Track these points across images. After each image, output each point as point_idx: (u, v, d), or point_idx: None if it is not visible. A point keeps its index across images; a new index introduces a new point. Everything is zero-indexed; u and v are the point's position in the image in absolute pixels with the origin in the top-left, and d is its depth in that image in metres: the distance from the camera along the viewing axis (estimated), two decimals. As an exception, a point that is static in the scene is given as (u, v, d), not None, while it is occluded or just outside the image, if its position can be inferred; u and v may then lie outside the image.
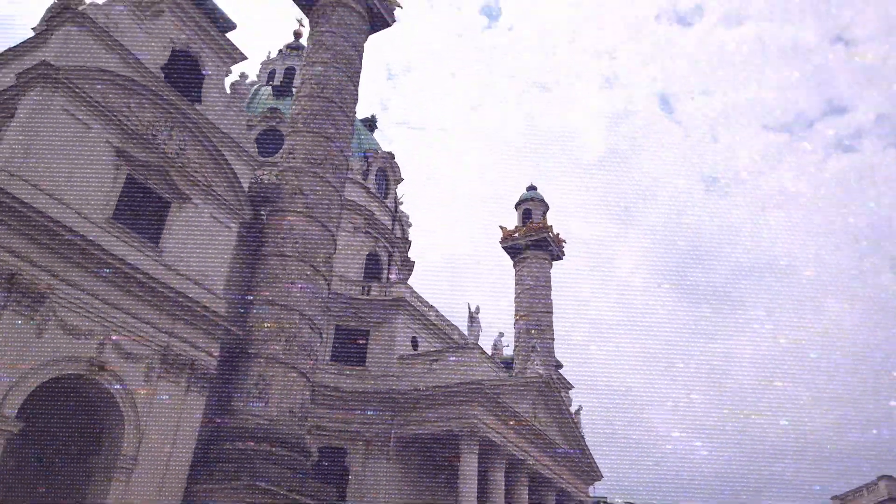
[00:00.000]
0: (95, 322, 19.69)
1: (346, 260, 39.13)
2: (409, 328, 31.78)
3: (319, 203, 27.75)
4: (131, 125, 22.16)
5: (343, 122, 30.79)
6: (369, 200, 44.10)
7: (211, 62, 26.51)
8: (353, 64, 32.73)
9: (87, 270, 19.65)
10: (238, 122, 27.09)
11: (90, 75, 20.99)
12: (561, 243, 55.01)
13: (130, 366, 20.45)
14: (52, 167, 19.45)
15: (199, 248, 23.78)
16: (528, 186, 58.26)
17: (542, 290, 51.60)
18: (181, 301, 22.23)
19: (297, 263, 26.14)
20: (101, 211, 20.70)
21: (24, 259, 18.02)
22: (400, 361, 30.20)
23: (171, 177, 23.19)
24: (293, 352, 24.52)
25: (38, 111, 19.62)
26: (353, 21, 33.60)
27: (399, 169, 48.85)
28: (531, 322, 49.45)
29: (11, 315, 17.57)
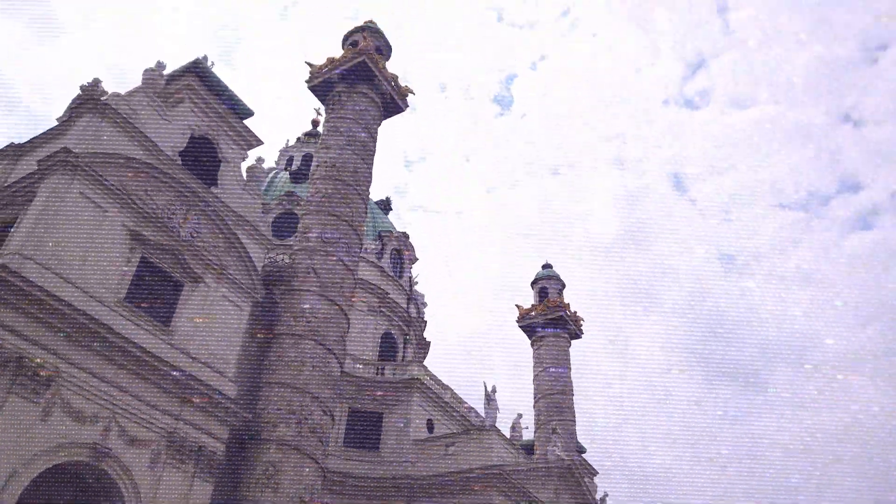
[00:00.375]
0: (101, 405, 19.29)
1: (360, 340, 38.69)
2: (424, 410, 30.87)
3: (332, 282, 27.65)
4: (147, 208, 22.51)
5: (357, 203, 31.13)
6: (384, 280, 44.08)
7: (228, 147, 27.21)
8: (367, 147, 33.44)
9: (96, 352, 19.44)
10: (253, 205, 27.48)
11: (108, 161, 21.53)
12: (579, 322, 54.12)
13: (135, 451, 19.85)
14: (66, 250, 19.64)
15: (211, 330, 23.58)
16: (544, 264, 58.00)
17: (561, 371, 50.33)
18: (190, 384, 21.82)
19: (309, 343, 25.75)
20: (114, 292, 20.70)
21: (31, 342, 17.90)
22: (415, 445, 29.14)
23: (185, 258, 23.31)
24: (304, 436, 23.76)
25: (56, 196, 20.01)
26: (367, 107, 34.59)
27: (413, 249, 49.09)
28: (551, 404, 47.95)
29: (17, 399, 17.27)
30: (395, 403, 30.56)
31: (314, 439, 24.12)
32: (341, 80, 34.86)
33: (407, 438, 29.33)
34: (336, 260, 28.47)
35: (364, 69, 34.81)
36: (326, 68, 35.64)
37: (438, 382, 33.43)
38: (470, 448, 27.88)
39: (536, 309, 53.81)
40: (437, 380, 33.58)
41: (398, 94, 36.56)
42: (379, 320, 42.37)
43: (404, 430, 29.47)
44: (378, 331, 41.68)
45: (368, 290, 42.28)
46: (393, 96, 36.16)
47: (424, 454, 28.68)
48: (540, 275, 56.82)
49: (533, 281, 56.89)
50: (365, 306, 42.06)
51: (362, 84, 34.77)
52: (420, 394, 30.82)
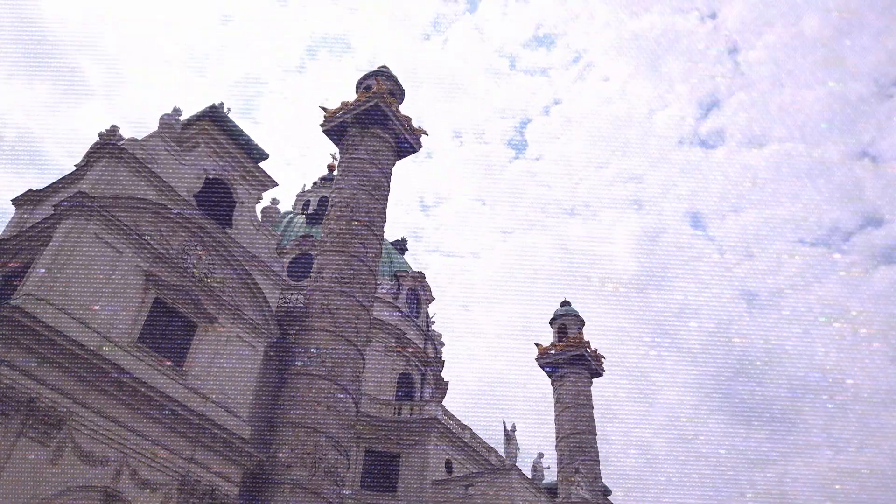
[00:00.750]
0: (113, 448, 19.10)
1: (377, 381, 38.25)
2: (442, 450, 30.19)
3: (347, 321, 27.49)
4: (162, 249, 22.69)
5: (371, 242, 31.19)
6: (400, 320, 43.78)
7: (242, 189, 27.52)
8: (381, 187, 33.68)
9: (109, 394, 19.36)
10: (268, 245, 27.62)
11: (123, 203, 21.83)
12: (600, 359, 53.14)
13: (147, 495, 19.56)
14: (81, 291, 19.76)
15: (225, 370, 23.44)
16: (562, 302, 57.36)
17: (583, 410, 49.24)
18: (203, 425, 21.60)
19: (323, 382, 25.48)
20: (128, 333, 20.72)
21: (43, 384, 17.86)
22: (433, 487, 28.41)
23: (199, 299, 23.36)
24: (318, 477, 23.29)
25: (71, 238, 20.25)
26: (381, 148, 34.96)
27: (430, 288, 48.86)
28: (573, 444, 46.79)
29: (27, 442, 17.16)
30: (413, 444, 29.96)
31: (329, 481, 23.62)
32: (355, 123, 35.35)
33: (425, 480, 28.63)
34: (350, 299, 28.37)
35: (377, 111, 35.30)
36: (340, 112, 36.23)
37: (457, 422, 32.80)
38: (490, 489, 27.12)
39: (556, 347, 53.01)
40: (456, 419, 32.96)
41: (411, 134, 36.96)
42: (396, 360, 41.92)
43: (422, 471, 28.79)
44: (395, 371, 41.19)
45: (385, 331, 41.97)
46: (406, 137, 36.56)
47: (443, 496, 27.93)
48: (559, 312, 56.17)
49: (552, 319, 56.22)
50: (382, 346, 41.69)
51: (375, 126, 35.22)
52: (438, 434, 30.20)
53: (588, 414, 49.34)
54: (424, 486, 28.41)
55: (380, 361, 40.43)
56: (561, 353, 51.92)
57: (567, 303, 57.51)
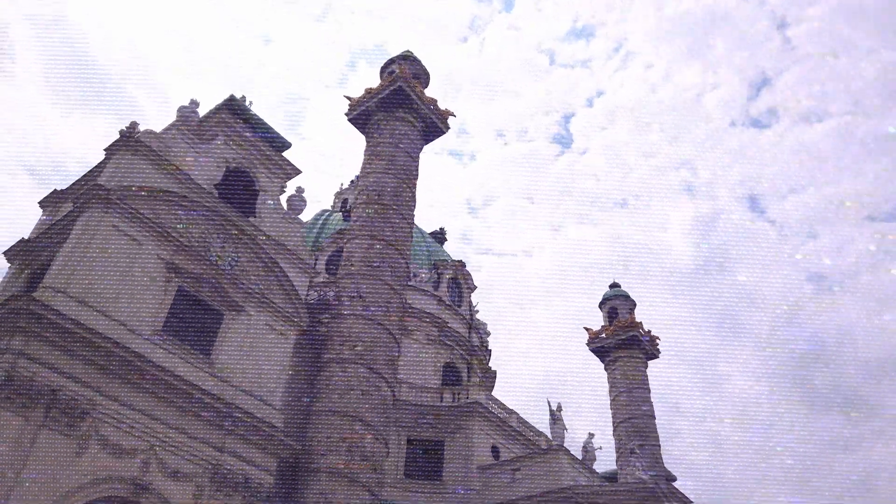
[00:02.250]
0: (140, 439, 18.75)
1: (420, 371, 37.43)
2: (487, 436, 29.08)
3: (378, 305, 26.74)
4: (183, 239, 22.37)
5: (400, 225, 30.39)
6: (442, 310, 42.86)
7: (265, 178, 27.10)
8: (409, 170, 32.86)
9: (133, 385, 19.02)
10: (293, 233, 27.10)
11: (141, 194, 21.60)
12: (654, 341, 51.02)
13: (178, 485, 19.12)
14: (101, 282, 19.53)
15: (254, 359, 22.95)
16: (611, 284, 55.36)
17: (639, 393, 47.20)
18: (234, 414, 21.11)
19: (357, 368, 24.77)
20: (150, 324, 20.41)
21: (65, 375, 17.61)
22: (479, 473, 27.34)
23: (224, 288, 22.95)
24: (356, 464, 22.53)
25: (89, 230, 20.08)
26: (407, 131, 34.17)
27: (471, 277, 47.82)
28: (631, 428, 44.82)
29: (50, 433, 16.90)
30: (456, 430, 28.95)
31: (367, 467, 22.84)
32: (379, 109, 34.68)
33: (470, 466, 27.57)
34: (381, 283, 27.62)
35: (401, 95, 34.55)
36: (364, 99, 35.63)
37: (502, 407, 31.64)
38: (537, 472, 25.86)
39: (607, 330, 51.06)
40: (501, 404, 31.81)
41: (438, 116, 36.06)
42: (440, 350, 41.02)
43: (467, 457, 27.75)
44: (439, 361, 40.27)
45: (426, 321, 41.15)
46: (433, 119, 35.68)
47: (489, 482, 26.81)
48: (608, 295, 54.20)
49: (601, 302, 54.26)
50: (423, 337, 40.89)
51: (400, 110, 34.47)
52: (481, 419, 29.10)
53: (644, 397, 47.26)
54: (470, 473, 27.36)
55: (422, 351, 39.65)
56: (612, 336, 49.94)
57: (616, 284, 55.51)
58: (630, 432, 44.66)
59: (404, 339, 40.03)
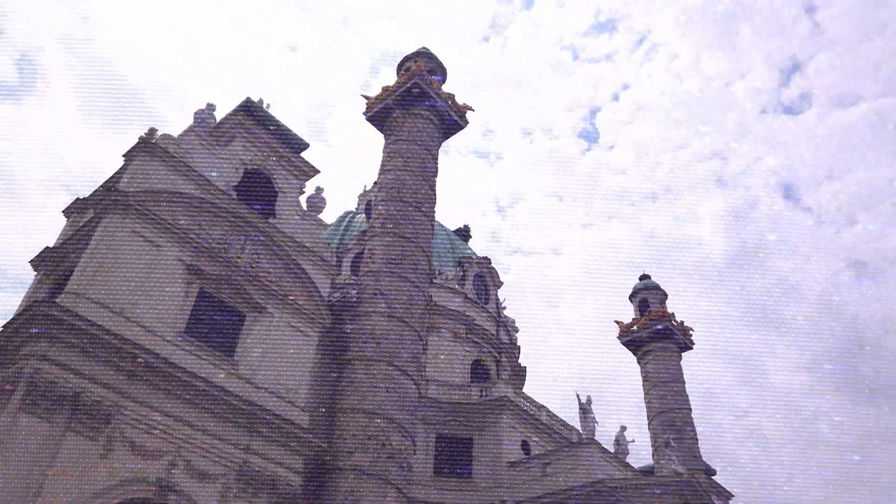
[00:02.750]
0: (165, 441, 18.77)
1: (449, 369, 37.12)
2: (516, 431, 28.62)
3: (400, 301, 26.51)
4: (202, 241, 22.42)
5: (421, 222, 30.13)
6: (468, 307, 42.50)
7: (283, 179, 27.10)
8: (428, 166, 32.61)
9: (156, 387, 19.06)
10: (314, 233, 27.05)
11: (159, 198, 21.69)
12: (688, 332, 49.93)
13: (203, 486, 19.10)
14: (122, 286, 19.64)
15: (278, 359, 22.89)
16: (641, 276, 54.38)
17: (673, 386, 46.21)
18: (259, 414, 21.05)
19: (381, 365, 24.55)
20: (173, 326, 20.46)
21: (88, 379, 17.69)
22: (509, 468, 26.90)
23: (245, 289, 22.94)
24: (382, 462, 22.30)
25: (109, 235, 20.21)
26: (425, 127, 33.94)
27: (497, 274, 47.37)
28: (666, 421, 43.90)
29: (75, 436, 16.99)
30: (485, 426, 28.54)
31: (394, 465, 22.59)
32: (397, 106, 34.51)
33: (500, 462, 27.14)
34: (402, 280, 27.38)
35: (418, 91, 34.33)
36: (381, 97, 35.50)
37: (531, 402, 31.15)
38: (568, 466, 25.32)
39: (638, 323, 50.15)
40: (530, 399, 31.32)
41: (456, 111, 35.77)
42: (467, 347, 40.67)
43: (496, 453, 27.33)
44: (467, 358, 39.93)
45: (453, 318, 40.82)
46: (451, 114, 35.40)
47: (520, 477, 26.36)
48: (638, 286, 53.22)
49: (631, 294, 53.31)
50: (451, 334, 40.57)
51: (417, 106, 34.26)
52: (510, 414, 28.66)
53: (679, 389, 46.27)
54: (500, 469, 26.94)
55: (450, 349, 39.34)
56: (643, 328, 49.02)
57: (646, 276, 54.50)
58: (665, 426, 43.73)
59: (431, 337, 39.85)
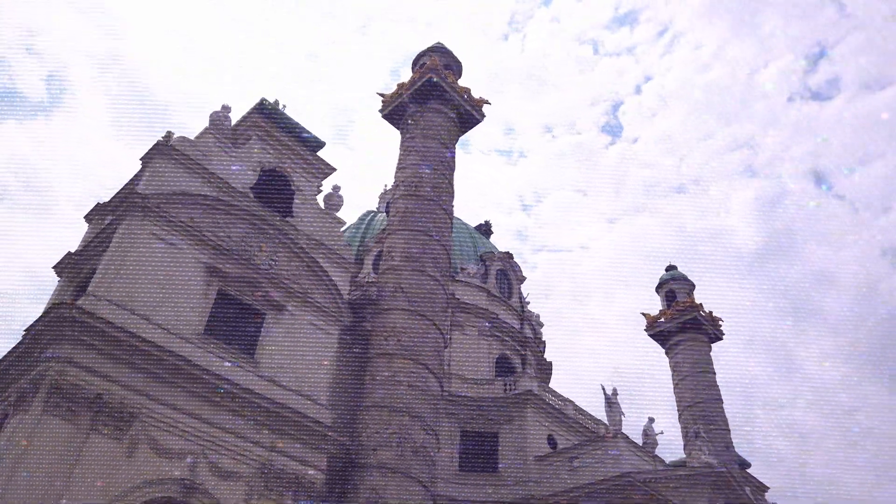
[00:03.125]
0: (188, 440, 18.84)
1: (473, 365, 36.84)
2: (542, 425, 28.26)
3: (421, 297, 26.33)
4: (220, 242, 22.49)
5: (440, 216, 29.93)
6: (492, 303, 42.18)
7: (300, 178, 27.10)
8: (445, 161, 32.40)
9: (179, 387, 19.13)
10: (332, 231, 27.00)
11: (176, 200, 21.79)
12: (717, 322, 49.01)
13: (228, 485, 19.13)
14: (141, 288, 19.76)
15: (299, 357, 22.87)
16: (668, 266, 53.55)
17: (703, 377, 45.37)
18: (281, 413, 21.03)
19: (403, 361, 24.39)
20: (193, 327, 20.54)
21: (111, 380, 17.81)
22: (536, 463, 26.55)
23: (264, 288, 22.96)
24: (406, 458, 22.15)
25: (128, 238, 20.36)
26: (442, 122, 33.73)
27: (519, 269, 46.96)
28: (697, 413, 43.10)
29: (99, 438, 17.11)
30: (510, 421, 28.24)
31: (418, 461, 22.43)
32: (412, 102, 34.36)
33: (527, 457, 26.82)
34: (423, 275, 27.21)
35: (433, 87, 34.13)
36: (397, 94, 35.39)
37: (557, 396, 30.76)
38: (595, 459, 24.91)
39: (665, 314, 49.35)
40: (555, 393, 30.94)
41: (472, 105, 35.50)
42: (492, 343, 40.33)
43: (522, 448, 27.01)
44: (492, 354, 39.60)
45: (476, 314, 40.51)
46: (467, 108, 35.14)
47: (547, 471, 26.01)
48: (664, 277, 52.41)
49: (658, 285, 52.50)
50: (475, 330, 40.32)
51: (433, 101, 34.06)
52: (535, 408, 28.31)
53: (710, 380, 45.43)
54: (527, 463, 26.61)
55: (474, 345, 39.06)
56: (671, 319, 48.24)
57: (673, 266, 53.65)
58: (696, 417, 42.91)
59: (455, 333, 39.63)
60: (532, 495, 25.13)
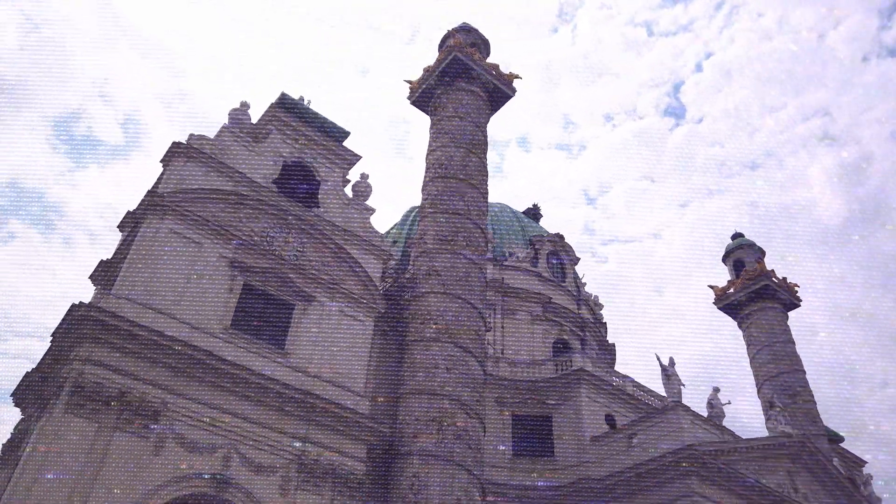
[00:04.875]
0: (219, 435, 18.48)
1: (527, 350, 35.51)
2: (598, 404, 26.67)
3: (456, 278, 25.32)
4: (244, 236, 22.21)
5: (472, 196, 28.84)
6: (544, 286, 40.71)
7: (325, 168, 26.65)
8: (475, 139, 31.29)
9: (205, 382, 18.84)
10: (361, 219, 26.39)
11: (195, 197, 21.64)
12: (792, 288, 45.68)
13: (262, 479, 18.65)
14: (165, 286, 19.64)
15: (332, 347, 22.31)
16: (733, 235, 50.43)
17: (781, 347, 42.26)
18: (315, 404, 20.46)
19: (440, 345, 23.44)
20: (219, 321, 20.26)
21: (134, 378, 17.65)
22: (593, 444, 25.01)
23: (292, 280, 22.53)
24: (448, 443, 21.16)
25: (149, 237, 20.33)
26: (471, 101, 32.69)
27: (572, 250, 45.18)
28: (777, 386, 40.18)
29: (124, 436, 16.95)
30: (563, 402, 26.79)
31: (461, 446, 21.39)
32: (439, 84, 33.49)
33: (583, 438, 25.32)
34: (457, 256, 26.19)
35: (459, 66, 33.18)
36: (423, 79, 34.60)
37: (615, 373, 29.07)
38: (655, 434, 23.18)
39: (734, 284, 46.41)
40: (614, 371, 29.25)
41: (501, 80, 34.32)
42: (547, 328, 38.87)
43: (577, 428, 25.53)
44: (548, 339, 38.13)
45: (528, 299, 39.15)
46: (496, 84, 33.99)
47: (605, 451, 24.43)
48: (730, 246, 49.37)
49: (724, 255, 49.48)
50: (527, 316, 38.92)
51: (460, 80, 33.09)
52: (589, 386, 26.76)
53: (789, 350, 42.28)
54: (583, 444, 25.12)
55: (527, 331, 37.74)
56: (741, 289, 45.30)
57: (739, 234, 50.49)
58: (776, 390, 39.99)
59: (507, 320, 38.43)
60: (588, 476, 23.62)
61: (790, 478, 24.54)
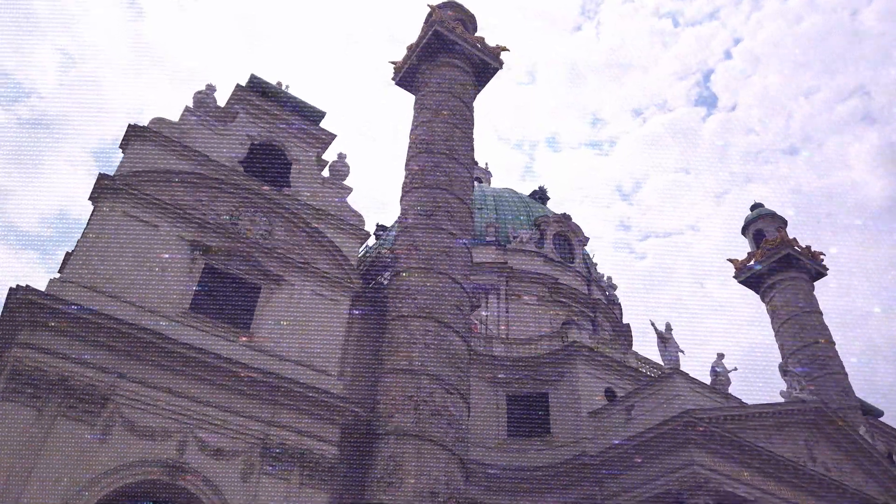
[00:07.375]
0: (173, 420, 17.55)
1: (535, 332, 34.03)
2: (597, 378, 25.06)
3: (436, 253, 24.08)
4: (205, 218, 21.36)
5: (455, 170, 27.56)
6: (550, 267, 39.23)
7: (296, 148, 25.74)
8: (459, 113, 30.01)
9: (158, 366, 17.95)
10: (336, 198, 25.38)
11: (151, 179, 20.86)
12: (817, 256, 43.22)
13: (222, 464, 17.66)
14: (116, 269, 18.85)
15: (303, 328, 21.28)
16: (752, 206, 48.09)
17: (807, 318, 39.98)
18: (281, 385, 19.42)
19: (420, 321, 22.21)
20: (176, 304, 19.39)
21: (78, 363, 16.80)
22: (591, 419, 23.42)
23: (258, 261, 21.60)
24: (425, 420, 19.89)
25: (100, 221, 19.61)
26: (455, 75, 31.46)
27: (580, 231, 43.55)
28: (804, 358, 37.90)
29: (67, 422, 16.10)
30: (559, 378, 25.26)
31: (441, 423, 20.10)
32: (422, 62, 32.35)
33: (580, 413, 23.77)
34: (438, 231, 24.95)
35: (441, 40, 32.01)
36: (406, 58, 33.54)
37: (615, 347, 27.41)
38: (653, 403, 21.53)
39: (755, 256, 44.18)
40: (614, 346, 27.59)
41: (486, 53, 33.04)
42: (555, 310, 37.36)
43: (575, 404, 23.99)
44: (556, 319, 36.57)
45: (533, 281, 37.78)
46: (481, 57, 32.72)
47: (603, 426, 22.84)
48: (749, 217, 47.12)
49: (743, 227, 47.28)
50: (534, 298, 37.50)
51: (443, 55, 31.92)
52: (585, 360, 25.19)
53: (816, 322, 39.97)
54: (580, 420, 23.56)
55: (533, 313, 36.37)
56: (762, 259, 43.05)
57: (759, 204, 48.21)
58: (804, 363, 37.72)
59: (512, 303, 37.06)
60: (585, 452, 22.04)
61: (807, 448, 22.58)
